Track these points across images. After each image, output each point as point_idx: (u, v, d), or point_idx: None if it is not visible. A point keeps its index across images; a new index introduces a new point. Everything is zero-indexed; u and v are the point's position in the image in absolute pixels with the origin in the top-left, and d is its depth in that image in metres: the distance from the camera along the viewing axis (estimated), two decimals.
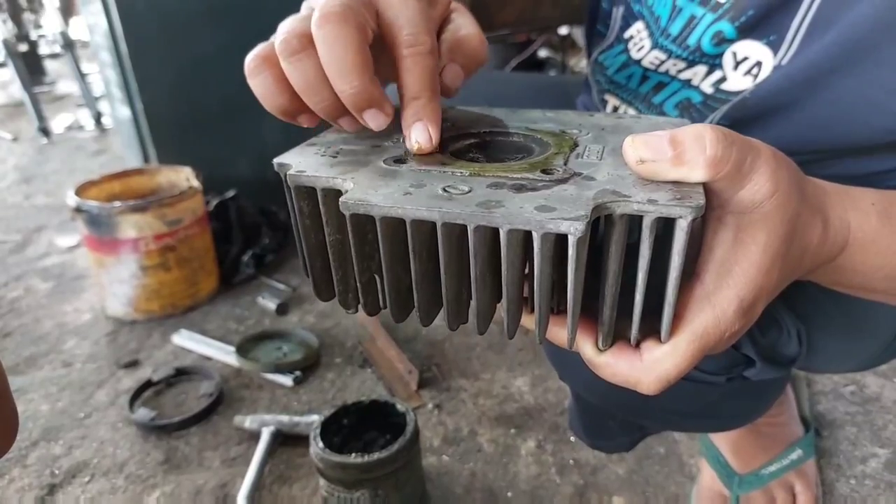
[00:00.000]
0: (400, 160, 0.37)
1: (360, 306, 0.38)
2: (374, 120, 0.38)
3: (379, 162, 0.37)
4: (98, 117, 3.18)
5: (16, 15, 4.42)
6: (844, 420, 1.05)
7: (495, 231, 0.30)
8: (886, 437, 1.01)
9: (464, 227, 0.30)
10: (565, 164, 0.36)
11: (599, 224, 0.34)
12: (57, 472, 1.02)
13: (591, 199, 0.31)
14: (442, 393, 1.15)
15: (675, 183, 0.32)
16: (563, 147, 0.38)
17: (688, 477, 0.95)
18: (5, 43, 3.27)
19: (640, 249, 0.31)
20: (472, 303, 0.34)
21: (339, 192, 0.34)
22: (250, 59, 0.39)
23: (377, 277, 0.36)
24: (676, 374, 0.34)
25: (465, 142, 0.41)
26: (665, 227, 0.32)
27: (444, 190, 0.32)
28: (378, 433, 0.93)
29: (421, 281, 0.33)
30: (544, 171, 0.34)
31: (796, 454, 0.91)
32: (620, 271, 0.32)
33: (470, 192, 0.32)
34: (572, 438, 1.02)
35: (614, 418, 0.69)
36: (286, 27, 0.38)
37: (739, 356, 0.53)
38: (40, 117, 2.99)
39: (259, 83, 0.39)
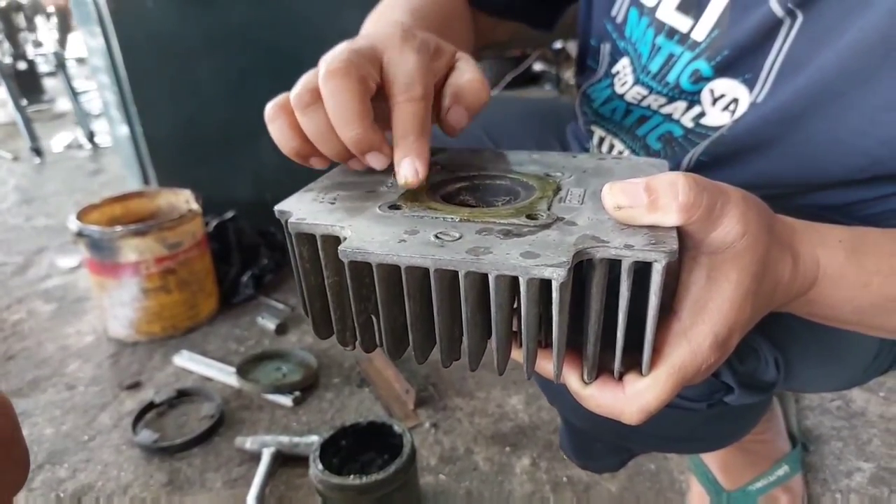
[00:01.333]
0: (395, 206, 0.39)
1: (357, 343, 0.40)
2: (376, 161, 0.43)
3: (374, 208, 0.39)
4: (91, 136, 3.24)
5: (12, 34, 4.45)
6: (830, 435, 1.07)
7: (484, 276, 0.33)
8: (871, 452, 1.04)
9: (455, 273, 0.33)
10: (549, 208, 0.38)
11: (583, 262, 0.37)
12: (62, 495, 1.04)
13: (573, 245, 0.33)
14: (438, 412, 1.18)
15: (651, 227, 0.34)
16: (546, 191, 0.41)
17: (678, 493, 0.98)
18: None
19: (620, 290, 0.33)
20: (464, 341, 0.37)
21: (337, 239, 0.36)
22: (269, 107, 0.44)
23: (374, 317, 0.39)
24: (657, 405, 0.36)
25: (456, 185, 0.44)
26: (643, 267, 0.34)
27: (437, 236, 0.35)
28: (376, 454, 0.96)
29: (415, 322, 0.36)
30: (529, 217, 0.37)
31: (783, 470, 0.93)
32: (602, 311, 0.35)
33: (460, 238, 0.34)
34: (565, 456, 1.05)
35: (602, 440, 0.72)
36: (301, 82, 0.42)
37: (719, 383, 0.56)
38: (32, 137, 3.05)
39: (276, 129, 0.44)
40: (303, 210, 0.39)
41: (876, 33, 0.47)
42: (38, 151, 2.99)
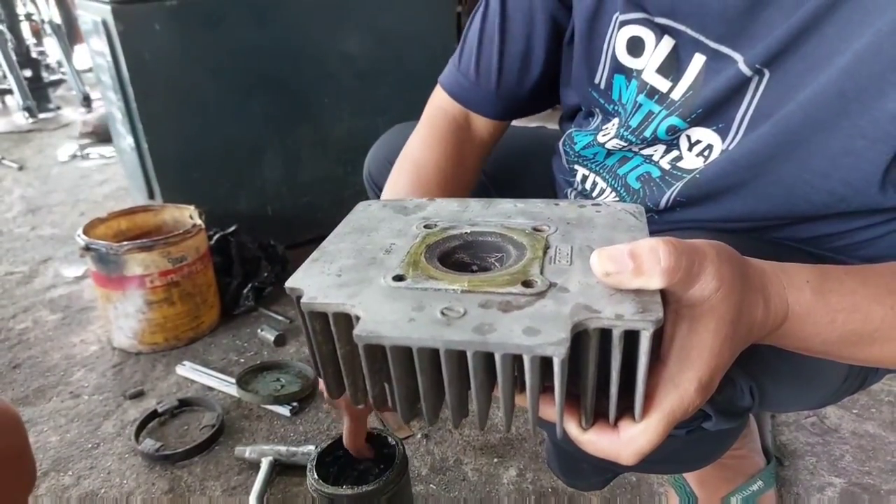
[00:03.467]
0: (399, 277, 0.41)
1: (369, 403, 0.44)
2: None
3: (380, 279, 0.41)
4: (86, 98, 3.78)
5: (14, 26, 4.53)
6: (805, 450, 1.12)
7: (490, 353, 0.35)
8: (843, 467, 1.08)
9: (463, 350, 0.35)
10: (542, 272, 0.41)
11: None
12: (67, 502, 1.08)
13: (569, 318, 0.35)
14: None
15: (637, 291, 0.37)
16: (537, 250, 0.44)
17: None
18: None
19: (612, 354, 0.36)
20: (473, 405, 0.40)
21: (348, 316, 0.39)
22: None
23: (386, 385, 0.42)
24: (650, 448, 0.40)
25: (450, 244, 0.47)
26: (634, 332, 0.36)
27: (443, 313, 0.37)
28: (372, 463, 1.00)
29: (427, 392, 0.39)
30: (525, 284, 0.39)
31: (757, 485, 0.98)
32: (597, 370, 0.38)
33: (465, 314, 0.37)
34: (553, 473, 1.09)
35: (587, 461, 0.76)
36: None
37: (698, 412, 0.60)
38: (25, 96, 3.35)
39: None
40: (313, 286, 0.41)
41: (834, 88, 0.51)
42: (29, 111, 3.18)
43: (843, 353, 0.49)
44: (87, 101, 4.22)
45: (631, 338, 0.36)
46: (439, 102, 0.83)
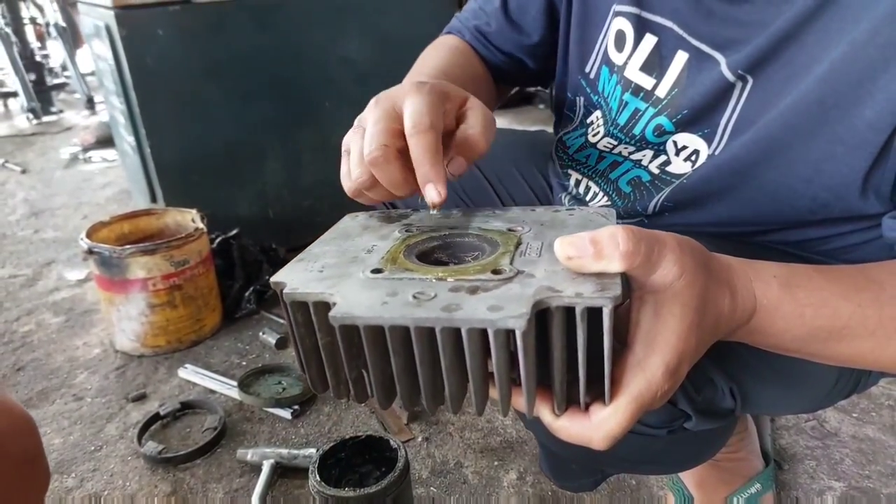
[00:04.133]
0: (377, 270, 0.44)
1: (350, 396, 0.45)
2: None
3: (359, 273, 0.43)
4: (90, 100, 3.89)
5: (24, 48, 4.56)
6: (804, 454, 1.13)
7: (458, 330, 0.37)
8: (843, 471, 1.09)
9: (433, 329, 0.37)
10: (511, 262, 0.43)
11: (545, 310, 0.41)
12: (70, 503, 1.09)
13: (532, 297, 0.38)
14: (430, 426, 1.23)
15: (599, 275, 0.39)
16: (509, 245, 0.46)
17: None
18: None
19: (577, 333, 0.38)
20: (446, 388, 0.41)
21: (327, 305, 0.40)
22: (350, 191, 0.54)
23: (364, 372, 0.43)
24: (620, 431, 0.41)
25: (430, 244, 0.49)
26: (596, 310, 0.38)
27: (414, 297, 0.39)
28: (374, 466, 1.01)
29: (401, 374, 0.40)
30: (494, 272, 0.42)
31: (755, 488, 0.98)
32: (564, 351, 0.39)
33: (435, 297, 0.39)
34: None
35: (577, 462, 0.77)
36: (354, 162, 0.52)
37: (678, 411, 0.61)
38: (30, 97, 3.46)
39: (360, 199, 0.55)
40: (295, 280, 0.43)
41: (814, 95, 0.53)
42: (34, 112, 3.28)
43: (814, 351, 0.49)
44: (90, 104, 4.27)
45: (595, 319, 0.37)
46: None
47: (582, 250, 0.39)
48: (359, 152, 0.50)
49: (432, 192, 0.48)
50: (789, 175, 0.57)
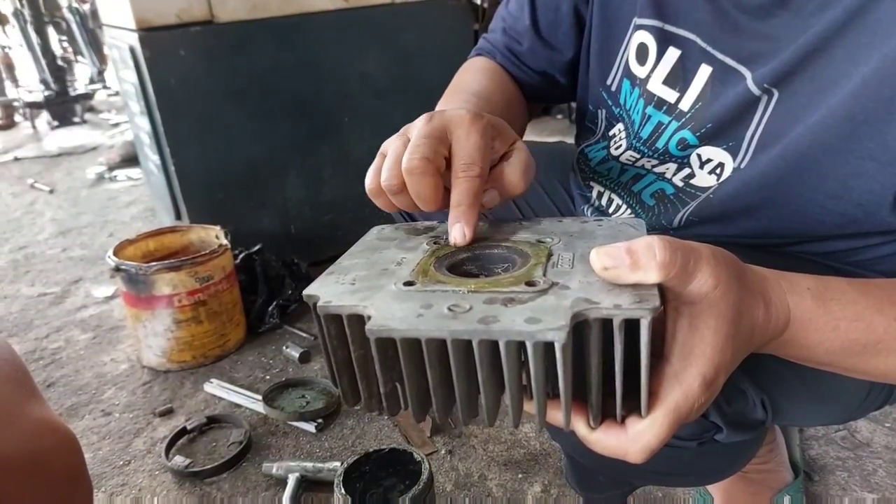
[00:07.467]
0: (409, 283, 0.43)
1: (382, 409, 0.45)
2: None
3: (391, 286, 0.43)
4: (101, 73, 4.33)
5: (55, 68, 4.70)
6: (835, 465, 1.10)
7: (496, 342, 0.36)
8: (876, 482, 1.06)
9: (470, 341, 0.37)
10: (544, 274, 0.43)
11: (581, 322, 0.41)
12: None
13: (569, 309, 0.37)
14: (454, 439, 1.23)
15: (635, 286, 0.39)
16: (540, 257, 0.46)
17: None
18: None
19: (615, 345, 0.37)
20: (481, 400, 0.41)
21: (361, 317, 0.40)
22: (370, 189, 0.53)
23: (398, 385, 0.43)
24: (658, 444, 0.40)
25: (460, 256, 0.49)
26: (633, 322, 0.38)
27: (449, 309, 0.39)
28: (398, 479, 1.01)
29: (437, 387, 0.40)
30: (528, 284, 0.41)
31: (785, 500, 0.97)
32: (601, 363, 0.39)
33: (470, 309, 0.38)
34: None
35: (603, 474, 0.76)
36: (388, 164, 0.51)
37: (709, 423, 0.60)
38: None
39: (379, 203, 0.54)
40: (328, 293, 0.43)
41: (843, 111, 0.52)
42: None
43: (848, 365, 0.48)
44: (100, 76, 4.86)
45: (632, 331, 0.37)
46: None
47: (618, 261, 0.39)
48: (396, 156, 0.51)
49: (458, 233, 0.49)
50: (818, 191, 0.56)
